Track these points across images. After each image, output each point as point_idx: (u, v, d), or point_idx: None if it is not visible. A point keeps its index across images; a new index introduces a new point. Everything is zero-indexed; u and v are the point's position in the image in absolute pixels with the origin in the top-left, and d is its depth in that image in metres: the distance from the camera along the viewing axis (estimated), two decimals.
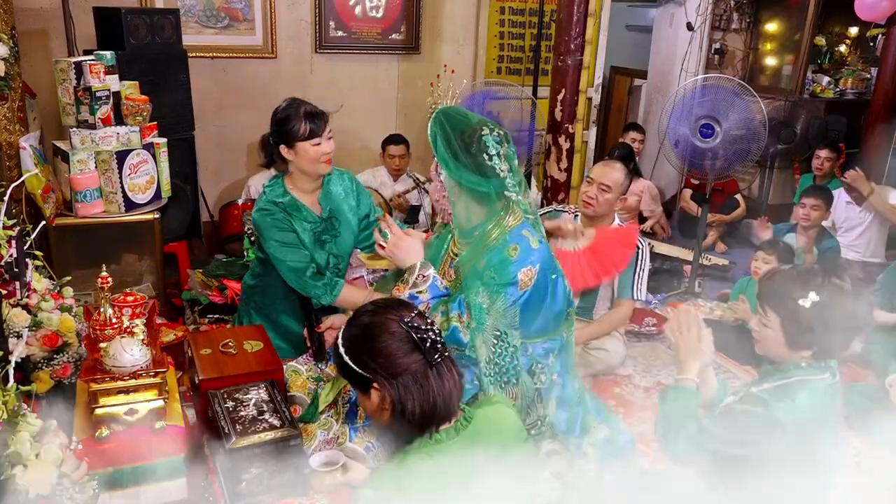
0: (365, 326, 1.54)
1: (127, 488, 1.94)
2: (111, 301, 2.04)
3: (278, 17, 4.61)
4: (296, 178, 2.62)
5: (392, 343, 1.50)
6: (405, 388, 1.48)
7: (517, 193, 2.09)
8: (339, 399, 2.30)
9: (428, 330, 1.51)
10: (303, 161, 2.55)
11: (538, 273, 2.09)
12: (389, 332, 1.51)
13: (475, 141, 2.03)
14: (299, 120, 2.51)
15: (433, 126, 2.05)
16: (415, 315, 1.55)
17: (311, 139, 2.51)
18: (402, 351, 1.49)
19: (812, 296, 1.70)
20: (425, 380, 1.48)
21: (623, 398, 2.91)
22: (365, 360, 1.51)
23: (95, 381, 1.93)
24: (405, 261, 2.14)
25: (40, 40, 3.96)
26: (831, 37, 6.08)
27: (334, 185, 2.72)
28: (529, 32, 5.25)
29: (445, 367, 1.52)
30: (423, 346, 1.49)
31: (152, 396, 1.99)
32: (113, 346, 1.94)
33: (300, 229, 2.57)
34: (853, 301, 1.71)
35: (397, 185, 4.69)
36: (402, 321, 1.51)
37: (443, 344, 1.53)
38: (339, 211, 2.69)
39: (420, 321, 1.53)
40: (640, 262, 3.00)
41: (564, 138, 3.86)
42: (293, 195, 2.60)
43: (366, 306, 1.61)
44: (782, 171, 5.56)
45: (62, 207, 3.06)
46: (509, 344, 2.08)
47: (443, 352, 1.51)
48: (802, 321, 1.73)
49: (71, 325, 2.22)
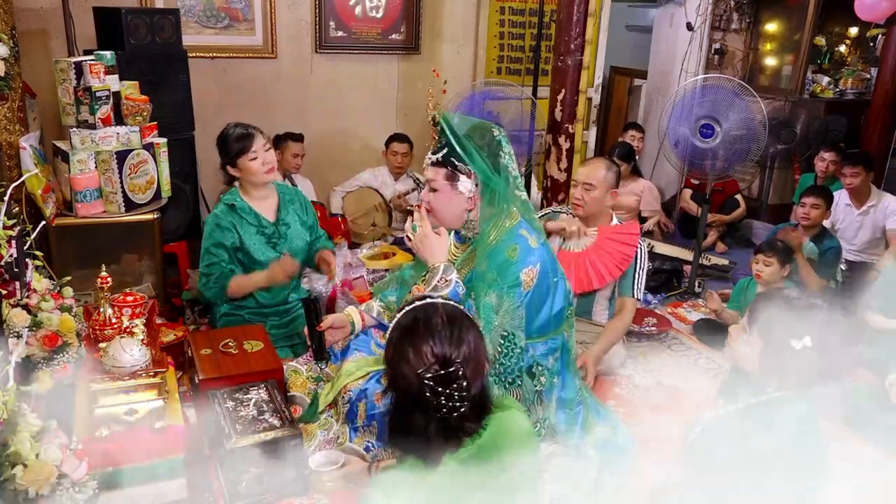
0: (411, 320, 1.47)
1: (127, 488, 1.94)
2: (111, 301, 2.04)
3: (278, 17, 4.61)
4: (246, 188, 2.91)
5: (408, 362, 1.41)
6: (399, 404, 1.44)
7: (525, 193, 2.14)
8: (339, 399, 2.30)
9: (444, 394, 1.38)
10: (247, 174, 2.85)
11: (539, 273, 2.10)
12: (414, 351, 1.41)
13: (491, 141, 2.08)
14: (232, 141, 2.82)
15: (453, 128, 2.08)
16: (440, 374, 1.39)
17: (246, 153, 2.80)
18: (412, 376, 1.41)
19: (806, 341, 1.61)
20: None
21: (623, 398, 2.90)
22: (387, 344, 1.48)
23: (95, 381, 1.93)
24: (428, 257, 2.15)
25: (40, 40, 3.95)
26: (831, 37, 6.07)
27: (289, 197, 3.03)
28: (529, 32, 5.25)
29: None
30: (429, 401, 1.38)
31: (152, 396, 1.99)
32: (113, 347, 1.94)
33: (246, 231, 2.85)
34: (843, 348, 1.64)
35: (398, 185, 4.69)
36: (425, 368, 1.39)
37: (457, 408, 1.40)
38: (289, 219, 2.96)
39: (443, 384, 1.38)
40: (639, 260, 3.00)
41: (564, 138, 3.86)
42: (244, 200, 2.88)
43: (429, 307, 1.50)
44: (782, 171, 5.56)
45: (62, 207, 3.06)
46: (515, 345, 2.08)
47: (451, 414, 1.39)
48: (785, 359, 1.65)
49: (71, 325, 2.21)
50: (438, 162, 2.14)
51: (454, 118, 2.14)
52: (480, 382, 1.44)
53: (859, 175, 4.24)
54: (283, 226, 2.92)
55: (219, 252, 2.82)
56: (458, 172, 2.13)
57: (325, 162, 4.92)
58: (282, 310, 2.99)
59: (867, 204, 4.31)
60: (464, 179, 2.13)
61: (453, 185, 2.14)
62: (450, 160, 2.12)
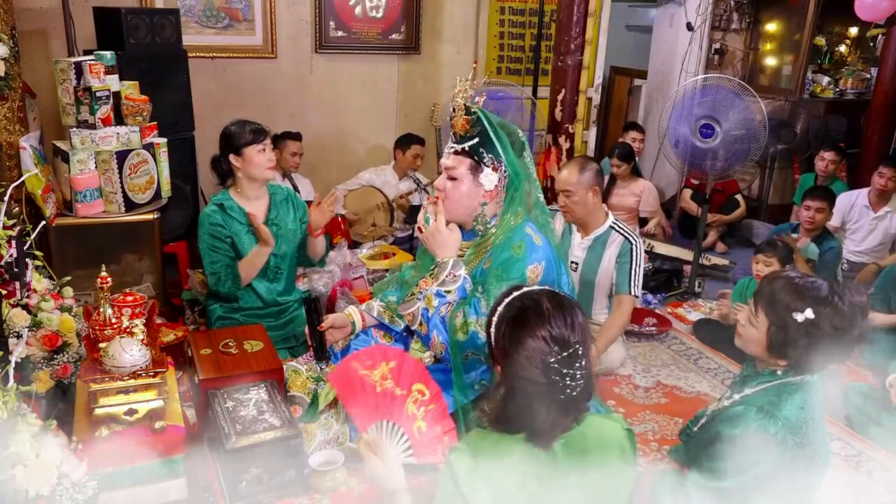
0: (517, 311, 1.45)
1: (127, 488, 1.94)
2: (111, 301, 2.04)
3: (278, 17, 4.61)
4: (241, 186, 2.91)
5: (526, 353, 1.39)
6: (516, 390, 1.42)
7: (542, 195, 2.18)
8: (340, 399, 2.30)
9: (568, 375, 1.37)
10: (250, 165, 2.85)
11: (544, 270, 2.11)
12: (533, 339, 1.39)
13: (516, 141, 2.12)
14: (244, 131, 2.85)
15: (491, 120, 2.12)
16: (563, 356, 1.37)
17: (256, 144, 2.83)
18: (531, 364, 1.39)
19: (808, 312, 1.68)
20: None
21: (623, 398, 2.90)
22: (497, 339, 1.46)
23: (95, 381, 1.93)
24: (437, 252, 2.16)
25: (40, 40, 3.96)
26: (831, 37, 6.08)
27: (280, 197, 3.03)
28: (529, 32, 5.26)
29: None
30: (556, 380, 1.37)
31: (152, 396, 1.99)
32: (112, 347, 1.94)
33: (236, 230, 2.86)
34: (847, 328, 1.67)
35: (401, 185, 4.69)
36: (548, 353, 1.38)
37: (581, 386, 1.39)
38: (281, 219, 2.96)
39: (567, 365, 1.37)
40: (634, 257, 3.00)
41: (564, 138, 3.86)
42: (235, 200, 2.90)
43: (531, 294, 1.48)
44: (782, 171, 5.57)
45: (62, 207, 3.06)
46: None
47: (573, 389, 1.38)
48: (789, 333, 1.71)
49: (71, 325, 2.22)
50: (464, 151, 2.14)
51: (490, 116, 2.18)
52: (588, 359, 1.45)
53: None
54: (273, 226, 2.92)
55: (219, 247, 2.83)
56: (484, 164, 2.13)
57: (324, 162, 4.92)
58: (275, 311, 2.99)
59: (885, 209, 4.32)
60: (487, 172, 2.14)
61: (475, 176, 2.15)
62: (478, 151, 2.13)
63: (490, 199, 2.18)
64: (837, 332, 1.68)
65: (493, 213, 2.22)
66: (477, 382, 2.20)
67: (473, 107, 2.15)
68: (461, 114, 2.14)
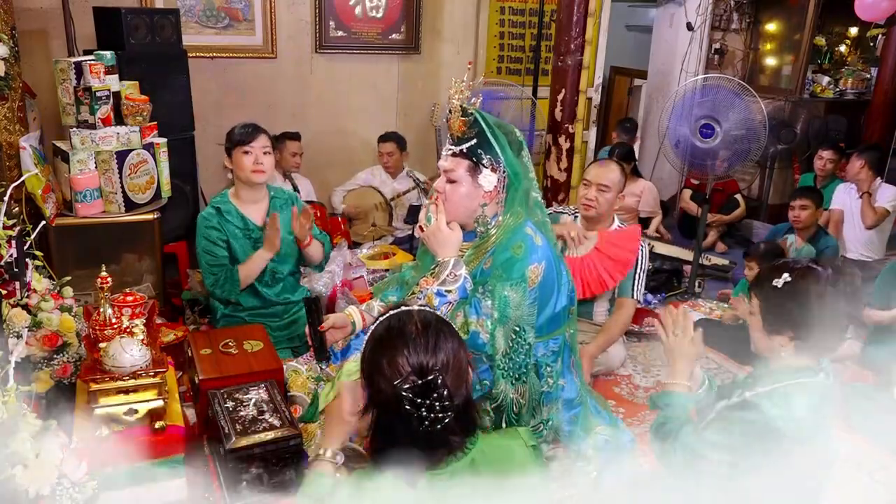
0: (384, 330, 1.37)
1: (127, 488, 1.94)
2: (111, 301, 2.04)
3: (278, 17, 4.61)
4: (238, 190, 2.93)
5: (384, 373, 1.31)
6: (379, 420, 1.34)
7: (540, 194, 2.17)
8: None
9: (424, 406, 1.27)
10: (237, 169, 2.86)
11: (544, 270, 2.11)
12: (389, 363, 1.31)
13: (514, 140, 2.12)
14: (234, 132, 2.86)
15: (489, 121, 2.11)
16: (418, 385, 1.28)
17: (242, 146, 2.81)
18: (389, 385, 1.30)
19: (784, 276, 1.72)
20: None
21: (623, 398, 2.90)
22: (362, 358, 1.39)
23: (95, 381, 1.93)
24: (438, 251, 2.15)
25: (40, 40, 3.95)
26: (831, 37, 6.08)
27: (280, 201, 3.00)
28: (529, 32, 5.26)
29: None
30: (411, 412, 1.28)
31: (152, 396, 1.99)
32: (112, 347, 1.93)
33: (232, 235, 2.86)
34: (832, 288, 1.69)
35: (396, 184, 4.69)
36: (402, 380, 1.29)
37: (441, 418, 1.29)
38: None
39: (422, 395, 1.27)
40: (640, 262, 3.00)
41: (564, 138, 3.86)
42: (233, 203, 2.90)
43: (403, 314, 1.40)
44: (782, 171, 5.57)
45: (62, 207, 3.06)
46: (525, 340, 2.09)
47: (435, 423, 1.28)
48: (775, 300, 1.74)
49: (71, 325, 2.21)
50: (462, 153, 2.14)
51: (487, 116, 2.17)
52: (465, 391, 1.36)
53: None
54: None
55: (216, 250, 2.83)
56: (482, 166, 2.13)
57: (324, 162, 4.92)
58: (280, 310, 2.99)
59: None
60: (486, 173, 2.13)
61: (474, 177, 2.14)
62: (476, 152, 2.12)
63: (490, 199, 2.17)
64: (821, 291, 1.69)
65: (494, 213, 2.21)
66: (478, 382, 2.20)
67: (470, 108, 2.13)
68: (457, 115, 2.13)
